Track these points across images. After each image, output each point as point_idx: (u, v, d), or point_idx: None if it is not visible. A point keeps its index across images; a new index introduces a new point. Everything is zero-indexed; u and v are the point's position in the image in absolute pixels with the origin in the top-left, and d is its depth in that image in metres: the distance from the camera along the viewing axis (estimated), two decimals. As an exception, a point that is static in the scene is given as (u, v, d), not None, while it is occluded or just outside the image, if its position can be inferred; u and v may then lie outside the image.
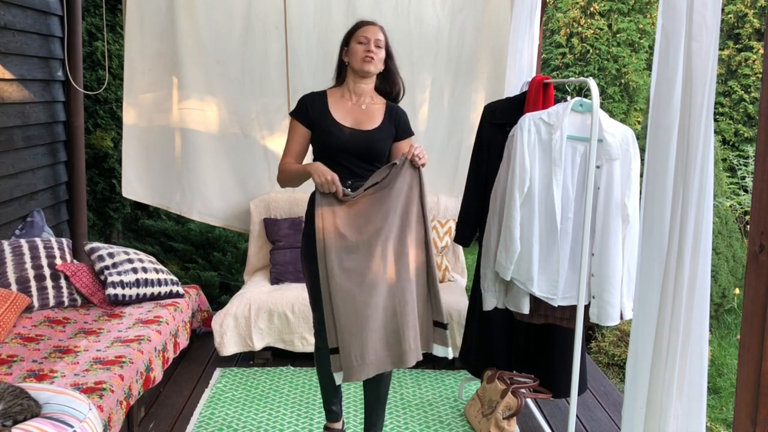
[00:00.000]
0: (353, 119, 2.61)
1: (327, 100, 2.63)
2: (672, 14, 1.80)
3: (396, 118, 2.65)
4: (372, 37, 2.57)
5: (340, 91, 2.66)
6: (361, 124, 2.60)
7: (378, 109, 2.65)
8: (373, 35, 2.57)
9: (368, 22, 2.63)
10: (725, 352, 4.64)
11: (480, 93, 4.33)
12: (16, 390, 2.04)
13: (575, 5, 8.43)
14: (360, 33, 2.58)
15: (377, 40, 2.57)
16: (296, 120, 2.63)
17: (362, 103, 2.64)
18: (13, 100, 3.80)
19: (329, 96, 2.65)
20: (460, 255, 4.42)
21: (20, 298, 3.18)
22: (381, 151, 2.62)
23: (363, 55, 2.55)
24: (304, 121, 2.61)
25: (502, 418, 2.96)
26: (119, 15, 5.25)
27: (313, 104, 2.62)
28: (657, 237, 1.88)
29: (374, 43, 2.57)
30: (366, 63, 2.55)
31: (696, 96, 1.70)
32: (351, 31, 2.64)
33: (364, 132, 2.59)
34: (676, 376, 1.79)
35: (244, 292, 3.90)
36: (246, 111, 4.37)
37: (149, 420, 3.21)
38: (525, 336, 3.28)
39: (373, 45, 2.56)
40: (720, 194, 5.49)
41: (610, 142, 2.77)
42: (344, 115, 2.61)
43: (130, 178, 4.33)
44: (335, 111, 2.61)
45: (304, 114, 2.62)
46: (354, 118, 2.61)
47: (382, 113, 2.64)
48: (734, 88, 8.17)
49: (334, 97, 2.65)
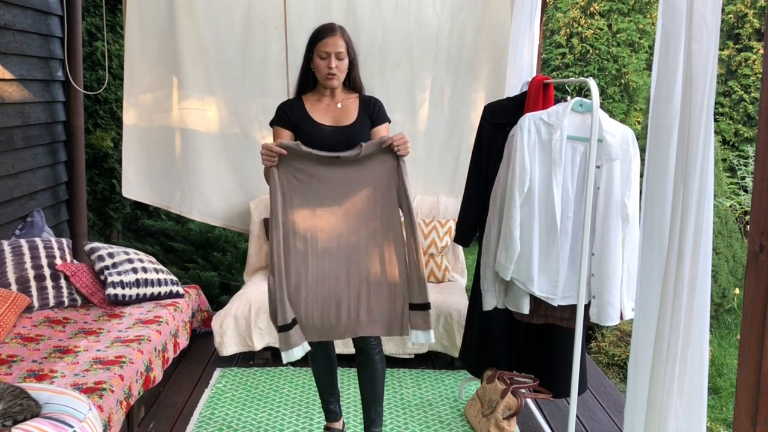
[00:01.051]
0: (332, 118, 2.71)
1: (304, 104, 2.73)
2: (672, 14, 1.80)
3: (370, 109, 2.76)
4: (333, 51, 2.59)
5: (314, 95, 2.74)
6: (339, 121, 2.71)
7: (352, 103, 2.75)
8: (333, 48, 2.59)
9: (329, 31, 2.61)
10: (725, 352, 4.64)
11: (480, 93, 4.33)
12: (16, 390, 2.04)
13: (575, 5, 8.43)
14: (320, 47, 2.59)
15: (338, 53, 2.60)
16: (279, 127, 2.72)
17: (337, 101, 2.73)
18: (13, 100, 3.80)
19: (305, 100, 2.74)
20: (460, 255, 4.41)
21: (20, 298, 3.18)
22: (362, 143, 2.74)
23: (325, 72, 2.61)
24: (288, 126, 2.71)
25: (502, 418, 2.96)
26: (119, 15, 5.25)
27: (292, 109, 2.72)
28: (657, 237, 1.88)
29: (335, 56, 2.59)
30: (329, 80, 2.63)
31: (696, 96, 1.70)
32: (313, 40, 2.63)
33: (344, 128, 2.70)
34: (676, 376, 1.79)
35: (244, 292, 3.90)
36: (246, 111, 4.37)
37: (149, 420, 3.21)
38: (525, 336, 3.27)
39: (334, 60, 2.59)
40: (720, 194, 5.49)
41: (610, 142, 2.77)
42: (322, 115, 2.71)
43: (130, 178, 4.34)
44: (313, 113, 2.71)
45: (286, 119, 2.71)
46: (332, 116, 2.72)
47: (357, 107, 2.74)
48: (734, 88, 8.17)
49: (309, 100, 2.74)
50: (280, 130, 2.70)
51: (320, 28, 2.65)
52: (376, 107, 2.76)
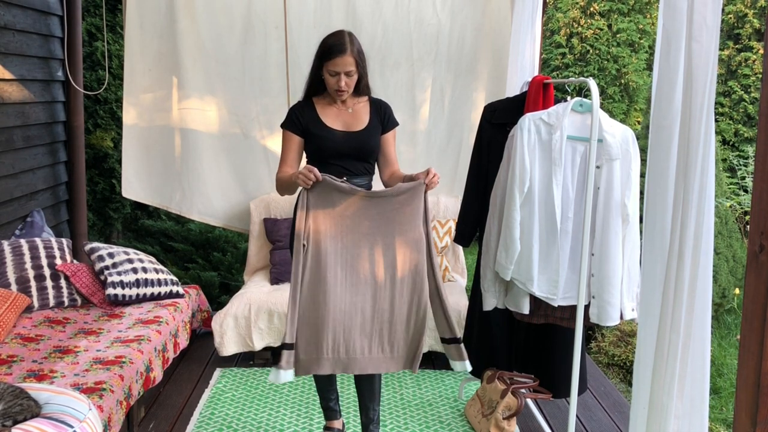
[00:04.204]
0: (343, 122, 2.71)
1: (315, 107, 2.72)
2: (672, 14, 1.80)
3: (381, 113, 2.76)
4: (342, 70, 2.58)
5: (325, 98, 2.73)
6: (351, 126, 2.71)
7: (363, 107, 2.75)
8: (343, 68, 2.57)
9: (339, 50, 2.56)
10: (725, 352, 4.64)
11: (480, 93, 4.33)
12: (16, 390, 2.04)
13: (575, 5, 8.43)
14: (330, 66, 2.58)
15: (348, 71, 2.59)
16: (289, 131, 2.72)
17: (348, 106, 2.73)
18: (13, 100, 3.80)
19: (316, 103, 2.73)
20: (460, 255, 4.42)
21: (20, 298, 3.18)
22: (373, 149, 2.74)
23: (335, 88, 2.62)
24: (297, 131, 2.70)
25: (502, 418, 2.96)
26: (119, 15, 5.25)
27: (303, 113, 2.71)
28: (659, 237, 1.88)
29: (345, 74, 2.59)
30: (338, 95, 2.64)
31: (696, 96, 1.70)
32: (324, 55, 2.60)
33: (355, 133, 2.70)
34: (677, 375, 1.79)
35: (244, 292, 3.90)
36: (246, 111, 4.37)
37: (149, 420, 3.21)
38: (525, 336, 3.28)
39: (343, 78, 2.59)
40: (720, 194, 5.49)
41: (610, 142, 2.77)
42: (333, 120, 2.71)
43: (130, 178, 4.33)
44: (325, 117, 2.70)
45: (297, 124, 2.71)
46: (343, 121, 2.71)
47: (368, 111, 2.75)
48: (734, 88, 8.17)
49: (320, 104, 2.73)
50: (290, 136, 2.71)
51: (330, 44, 2.58)
52: (386, 113, 2.77)
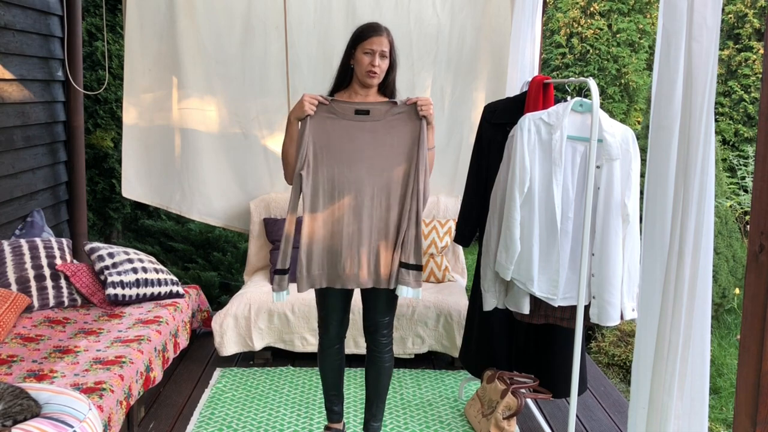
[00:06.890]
0: None
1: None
2: (672, 14, 1.80)
3: None
4: (378, 49, 2.60)
5: (347, 94, 2.73)
6: None
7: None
8: (379, 47, 2.60)
9: (375, 30, 2.63)
10: (725, 352, 4.64)
11: (480, 93, 4.33)
12: (16, 390, 2.04)
13: (575, 5, 8.43)
14: (366, 44, 2.60)
15: (383, 51, 2.61)
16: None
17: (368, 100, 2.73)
18: (13, 100, 3.80)
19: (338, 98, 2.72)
20: (460, 255, 4.41)
21: (20, 298, 3.18)
22: None
23: (367, 68, 2.62)
24: None
25: (502, 418, 2.96)
26: (119, 15, 5.25)
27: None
28: (659, 237, 1.88)
29: (380, 54, 2.61)
30: (369, 77, 2.63)
31: (696, 96, 1.70)
32: (358, 38, 2.64)
33: None
34: (677, 375, 1.79)
35: (244, 292, 3.90)
36: (246, 111, 4.37)
37: (149, 420, 3.21)
38: (525, 336, 3.27)
39: (378, 58, 2.61)
40: (720, 194, 5.49)
41: (610, 142, 2.77)
42: None
43: (130, 178, 4.33)
44: None
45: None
46: None
47: None
48: (734, 88, 8.17)
49: (341, 98, 2.72)
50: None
51: (367, 26, 2.65)
52: None
